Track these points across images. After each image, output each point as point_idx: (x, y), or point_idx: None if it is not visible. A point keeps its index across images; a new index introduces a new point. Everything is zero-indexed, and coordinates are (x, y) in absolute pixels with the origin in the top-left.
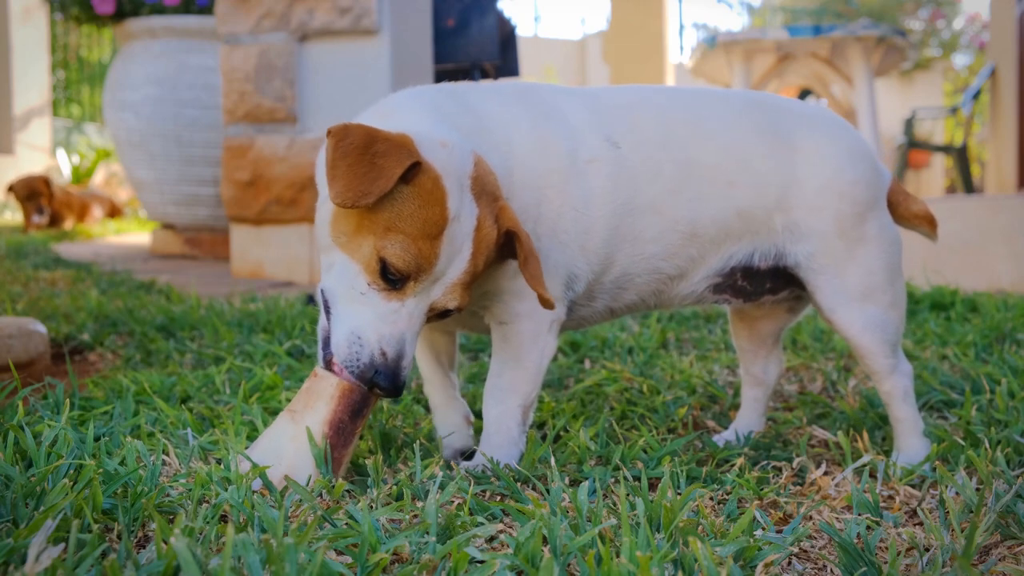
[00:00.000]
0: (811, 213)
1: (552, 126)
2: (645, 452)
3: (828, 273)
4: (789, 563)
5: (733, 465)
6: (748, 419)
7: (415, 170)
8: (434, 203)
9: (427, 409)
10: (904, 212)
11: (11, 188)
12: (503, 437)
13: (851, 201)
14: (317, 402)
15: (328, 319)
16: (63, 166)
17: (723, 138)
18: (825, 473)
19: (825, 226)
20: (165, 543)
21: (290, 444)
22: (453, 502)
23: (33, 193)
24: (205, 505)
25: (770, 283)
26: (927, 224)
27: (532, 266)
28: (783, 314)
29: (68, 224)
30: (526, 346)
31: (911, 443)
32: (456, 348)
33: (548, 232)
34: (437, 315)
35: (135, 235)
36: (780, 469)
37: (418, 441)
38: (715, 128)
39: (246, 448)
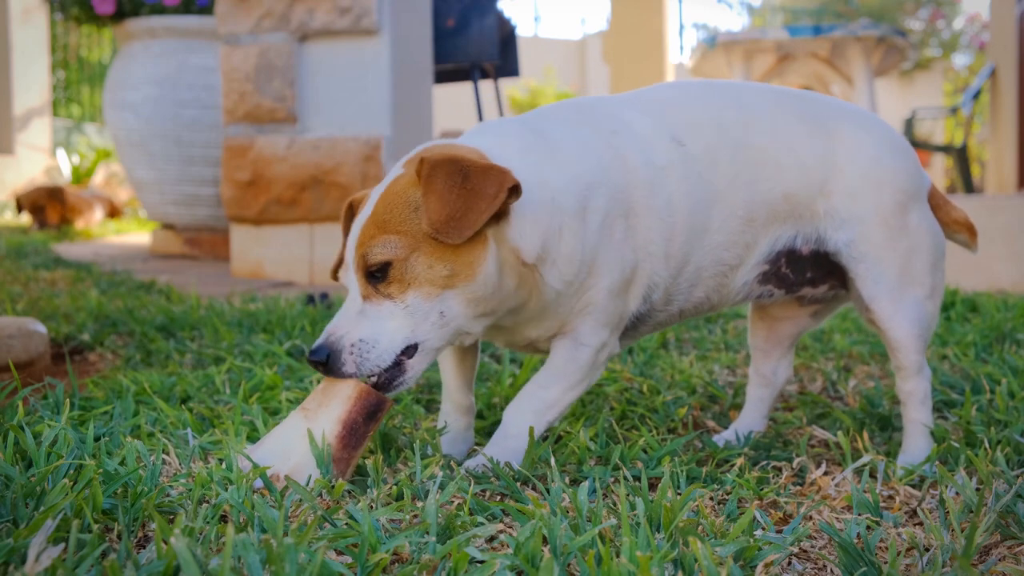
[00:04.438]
0: (851, 200)
1: (625, 140)
2: (645, 452)
3: (868, 261)
4: (789, 563)
5: (733, 465)
6: (750, 419)
7: None
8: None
9: (427, 410)
10: (943, 218)
11: (19, 201)
12: (520, 444)
13: (892, 190)
14: (332, 401)
15: None
16: (63, 166)
17: (769, 122)
18: (825, 473)
19: (865, 213)
20: (165, 543)
21: (300, 442)
22: (453, 502)
23: (37, 207)
24: (205, 505)
25: (811, 272)
26: (967, 231)
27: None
28: (805, 318)
29: (79, 225)
30: (587, 371)
31: (918, 444)
32: (476, 367)
33: (641, 245)
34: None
35: (135, 235)
36: (780, 469)
37: (418, 441)
38: (760, 113)
39: (254, 444)
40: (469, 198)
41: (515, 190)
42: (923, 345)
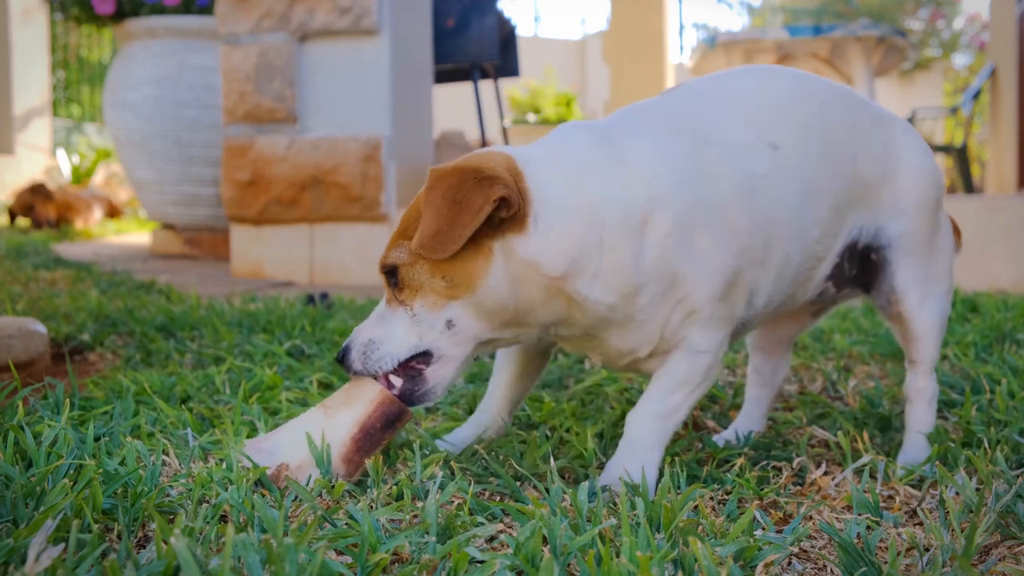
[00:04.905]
0: (908, 191)
1: (714, 153)
2: None
3: (913, 254)
4: (789, 563)
5: (733, 465)
6: (750, 418)
7: None
8: None
9: (427, 410)
10: None
11: (11, 210)
12: (654, 455)
13: (934, 186)
14: (355, 402)
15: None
16: (63, 166)
17: (843, 110)
18: (825, 473)
19: (916, 206)
20: (165, 543)
21: (316, 437)
22: (453, 502)
23: (27, 207)
24: (205, 505)
25: (856, 268)
26: (954, 233)
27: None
28: (807, 317)
29: (78, 224)
30: (707, 374)
31: (919, 444)
32: (536, 378)
33: (741, 251)
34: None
35: (135, 235)
36: (780, 469)
37: (418, 441)
38: (833, 100)
39: (265, 433)
40: (457, 212)
41: (505, 202)
42: (941, 342)
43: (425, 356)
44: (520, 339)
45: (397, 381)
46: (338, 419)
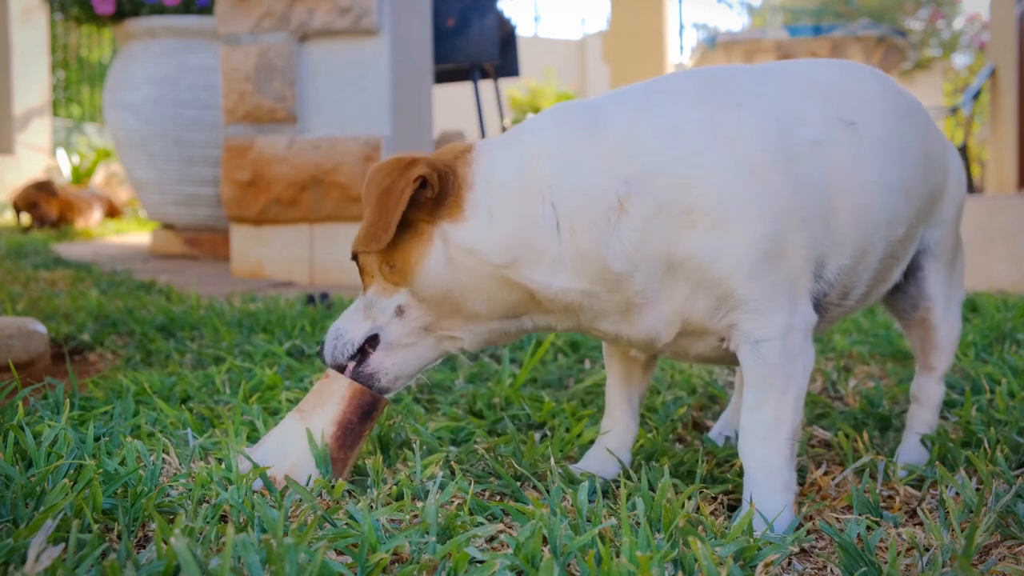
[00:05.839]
0: (950, 200)
1: (749, 116)
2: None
3: (943, 260)
4: (789, 563)
5: (733, 465)
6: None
7: None
8: None
9: (427, 409)
10: None
11: (15, 204)
12: (775, 482)
13: (964, 194)
14: (327, 402)
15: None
16: (63, 166)
17: (925, 114)
18: (825, 473)
19: (952, 214)
20: (165, 543)
21: (296, 443)
22: (453, 502)
23: (32, 204)
24: (205, 505)
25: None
26: None
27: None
28: None
29: (79, 225)
30: (789, 365)
31: (920, 444)
32: (648, 381)
33: (780, 215)
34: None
35: (135, 235)
36: None
37: (418, 441)
38: (917, 104)
39: (251, 446)
40: (385, 200)
41: (424, 183)
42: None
43: (374, 340)
44: (484, 333)
45: (352, 365)
46: (314, 422)
